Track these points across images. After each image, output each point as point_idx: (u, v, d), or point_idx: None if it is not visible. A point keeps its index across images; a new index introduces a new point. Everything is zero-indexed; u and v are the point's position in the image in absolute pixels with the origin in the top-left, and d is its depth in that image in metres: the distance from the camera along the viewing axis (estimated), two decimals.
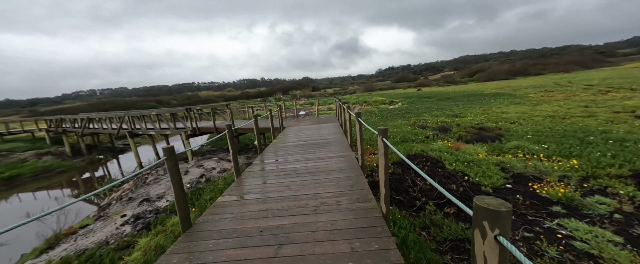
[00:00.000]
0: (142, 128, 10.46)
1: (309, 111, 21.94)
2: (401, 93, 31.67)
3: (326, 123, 8.94)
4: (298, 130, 7.94)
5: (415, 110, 14.90)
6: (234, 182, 4.26)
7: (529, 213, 3.24)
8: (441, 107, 15.07)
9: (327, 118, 11.13)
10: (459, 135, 7.61)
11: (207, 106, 10.67)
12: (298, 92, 56.21)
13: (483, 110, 12.11)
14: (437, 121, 10.22)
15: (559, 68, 46.06)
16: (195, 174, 7.18)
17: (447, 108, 14.04)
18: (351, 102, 26.44)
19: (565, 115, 8.93)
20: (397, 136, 7.99)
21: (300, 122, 9.61)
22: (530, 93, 17.03)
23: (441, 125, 9.13)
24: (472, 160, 5.00)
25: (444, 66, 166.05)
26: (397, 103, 21.54)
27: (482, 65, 79.64)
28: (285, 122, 9.61)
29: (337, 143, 6.15)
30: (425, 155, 5.71)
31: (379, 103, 23.20)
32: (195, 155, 9.52)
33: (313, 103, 30.37)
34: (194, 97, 76.13)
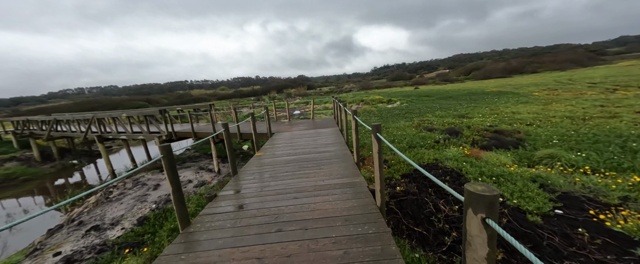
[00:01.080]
0: (113, 132, 9.22)
1: (304, 110, 20.89)
2: (399, 92, 30.88)
3: (323, 129, 7.55)
4: (289, 137, 6.57)
5: (417, 109, 14.01)
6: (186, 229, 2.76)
7: (607, 262, 2.30)
8: (444, 106, 14.22)
9: (324, 121, 9.52)
10: (472, 139, 6.70)
11: (189, 106, 9.44)
12: (293, 91, 54.95)
13: (490, 109, 11.29)
14: (443, 122, 9.32)
15: (555, 67, 46.10)
16: (167, 189, 6.07)
17: (451, 108, 13.19)
18: (348, 100, 25.46)
19: (584, 116, 8.14)
20: (402, 140, 7.03)
21: (293, 125, 8.14)
22: (534, 92, 16.36)
23: (450, 127, 8.22)
24: (502, 174, 4.07)
25: (438, 64, 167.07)
26: (396, 102, 20.69)
27: (477, 64, 79.88)
28: (276, 126, 8.31)
29: (339, 160, 4.79)
30: (441, 165, 4.75)
31: (377, 102, 22.31)
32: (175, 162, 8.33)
33: (308, 102, 29.31)
34: (185, 96, 73.94)
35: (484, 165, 4.52)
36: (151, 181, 6.50)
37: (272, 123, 8.74)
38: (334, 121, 8.74)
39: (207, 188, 5.44)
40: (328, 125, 8.19)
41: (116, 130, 8.95)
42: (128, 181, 6.90)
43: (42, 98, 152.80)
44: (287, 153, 5.32)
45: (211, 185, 5.76)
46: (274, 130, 7.39)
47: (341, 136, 6.63)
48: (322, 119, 10.21)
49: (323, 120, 10.01)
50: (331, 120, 9.25)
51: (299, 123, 9.01)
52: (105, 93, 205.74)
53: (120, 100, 57.37)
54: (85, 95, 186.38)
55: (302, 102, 29.55)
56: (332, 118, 9.30)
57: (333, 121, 8.84)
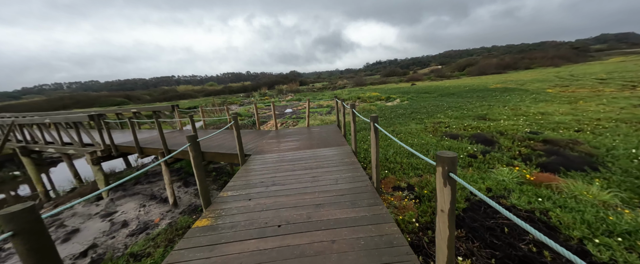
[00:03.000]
0: (40, 143, 6.97)
1: (297, 108, 18.94)
2: (395, 88, 29.41)
3: (326, 149, 4.69)
4: (273, 167, 3.86)
5: (423, 109, 12.43)
6: None
7: None
8: (452, 105, 12.70)
9: (324, 132, 6.23)
10: (518, 152, 5.09)
11: (146, 108, 7.26)
12: (284, 87, 52.52)
13: (511, 109, 9.81)
14: (463, 126, 7.72)
15: (546, 63, 46.06)
16: (87, 236, 4.06)
17: (461, 107, 11.68)
18: (343, 97, 23.74)
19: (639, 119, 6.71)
20: (424, 153, 5.33)
21: (280, 138, 5.35)
22: (546, 89, 15.14)
23: (476, 134, 6.61)
24: (629, 230, 2.41)
25: (430, 61, 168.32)
26: (395, 100, 19.11)
27: (469, 60, 79.92)
28: (256, 139, 5.58)
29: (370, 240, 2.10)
30: (505, 202, 3.08)
31: (375, 99, 20.67)
32: (120, 185, 6.16)
33: (301, 99, 27.33)
34: (170, 92, 69.92)
35: (581, 206, 2.85)
36: (75, 220, 4.40)
37: (251, 134, 6.16)
38: (338, 131, 6.11)
39: (146, 241, 3.47)
40: (331, 138, 5.37)
41: (44, 140, 6.73)
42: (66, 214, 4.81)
43: (15, 94, 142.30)
44: (263, 221, 2.45)
45: (156, 232, 3.76)
46: (252, 145, 4.86)
47: (355, 161, 4.03)
48: (321, 128, 6.91)
49: (323, 128, 6.84)
50: (334, 130, 6.31)
51: (289, 134, 5.95)
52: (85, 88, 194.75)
53: (97, 96, 53.14)
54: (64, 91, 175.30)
55: (294, 99, 27.54)
56: (334, 126, 6.53)
57: (337, 131, 6.14)
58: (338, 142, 5.12)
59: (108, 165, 8.27)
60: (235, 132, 3.86)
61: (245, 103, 33.14)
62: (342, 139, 5.29)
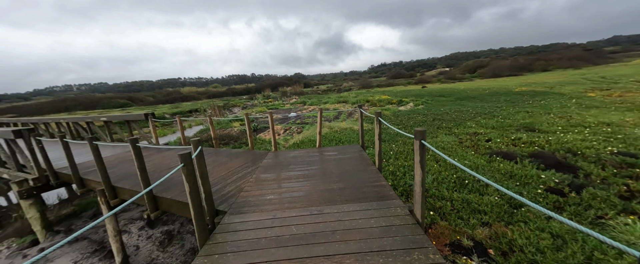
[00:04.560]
0: None
1: (301, 112, 17.51)
2: (405, 91, 27.74)
3: (356, 204, 2.61)
4: (262, 252, 1.97)
5: (445, 114, 10.83)
6: None
7: None
8: (480, 111, 11.05)
9: (343, 158, 4.15)
10: (626, 188, 3.48)
11: (117, 117, 5.81)
12: (288, 89, 51.32)
13: (560, 117, 8.14)
14: (510, 140, 6.12)
15: (565, 64, 43.65)
16: None
17: (494, 113, 10.03)
18: (350, 100, 22.22)
19: None
20: (475, 181, 3.78)
21: (279, 172, 3.64)
22: (588, 93, 13.32)
23: (536, 152, 5.01)
24: None
25: (436, 63, 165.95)
26: (409, 104, 17.51)
27: (478, 61, 77.55)
28: (242, 170, 3.82)
29: None
30: None
31: (385, 103, 19.09)
32: (66, 222, 4.72)
33: (305, 101, 25.90)
34: (174, 93, 69.54)
35: None
36: None
37: (238, 158, 4.39)
38: (364, 158, 4.04)
39: None
40: (360, 176, 3.28)
41: None
42: None
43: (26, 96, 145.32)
44: None
45: None
46: (233, 187, 3.12)
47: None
48: (338, 150, 4.70)
49: (341, 151, 4.57)
50: (359, 156, 4.15)
51: (293, 162, 4.08)
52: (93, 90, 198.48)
53: (99, 99, 52.85)
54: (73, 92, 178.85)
55: (298, 102, 26.13)
56: (357, 149, 4.57)
57: (363, 158, 4.05)
58: (374, 187, 2.86)
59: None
60: (198, 170, 2.21)
61: (248, 106, 31.91)
62: (377, 177, 3.17)
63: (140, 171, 2.79)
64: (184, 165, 1.98)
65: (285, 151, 5.07)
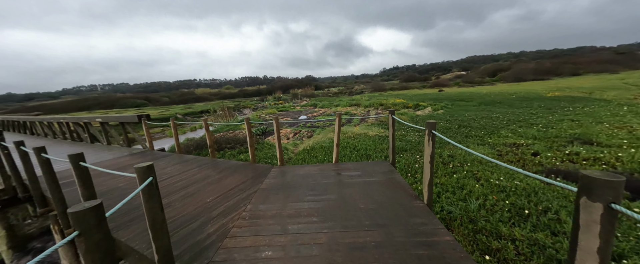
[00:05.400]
0: None
1: (312, 115, 16.82)
2: (421, 95, 26.42)
3: None
4: None
5: (471, 120, 9.73)
6: None
7: None
8: (511, 117, 9.85)
9: (369, 181, 3.16)
10: None
11: (113, 118, 5.31)
12: (299, 91, 51.00)
13: (618, 128, 6.88)
14: (565, 155, 5.05)
15: (597, 68, 40.35)
16: None
17: (530, 121, 8.84)
18: (363, 104, 21.30)
19: None
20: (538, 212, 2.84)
21: (286, 201, 2.72)
22: (636, 99, 11.68)
23: None
24: None
25: (450, 66, 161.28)
26: (426, 108, 16.37)
27: (497, 65, 73.99)
28: (238, 194, 2.96)
29: None
30: None
31: (401, 106, 18.03)
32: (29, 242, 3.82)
33: (316, 104, 25.21)
34: (188, 94, 71.35)
35: None
36: None
37: (236, 174, 3.65)
38: (397, 181, 3.12)
39: None
40: (397, 219, 2.24)
41: None
42: None
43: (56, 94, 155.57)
44: None
45: None
46: (217, 228, 2.21)
47: None
48: (361, 169, 3.69)
49: (364, 171, 3.59)
50: (389, 179, 3.21)
51: (303, 185, 3.21)
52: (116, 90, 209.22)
53: (119, 98, 54.98)
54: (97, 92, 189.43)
55: (309, 104, 25.50)
56: (386, 168, 3.64)
57: (395, 181, 3.13)
58: (431, 245, 1.85)
59: None
60: (147, 212, 1.49)
61: (258, 108, 31.70)
62: (430, 221, 2.19)
63: (85, 199, 1.99)
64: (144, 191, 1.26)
65: (293, 167, 4.06)
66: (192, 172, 3.88)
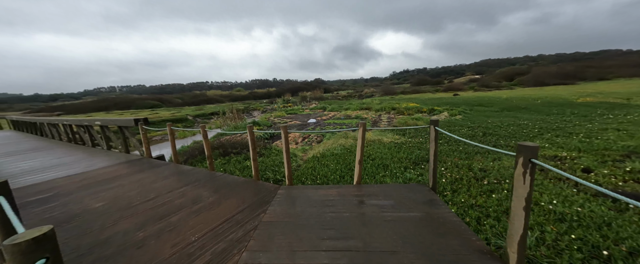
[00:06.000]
0: None
1: (321, 119, 16.29)
2: (435, 99, 25.39)
3: None
4: None
5: (496, 128, 8.87)
6: None
7: None
8: (542, 125, 8.91)
9: (398, 213, 2.49)
10: None
11: (112, 121, 4.94)
12: (308, 94, 50.75)
13: None
14: (628, 174, 4.21)
15: (627, 72, 37.64)
16: None
17: (566, 129, 7.90)
18: (374, 107, 20.58)
19: None
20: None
21: (294, 236, 2.17)
22: None
23: None
24: None
25: (463, 70, 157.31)
26: (442, 113, 15.48)
27: (513, 69, 71.10)
28: (233, 229, 2.31)
29: None
30: None
31: (414, 111, 17.20)
32: None
33: (325, 107, 24.68)
34: (200, 96, 72.75)
35: None
36: None
37: (234, 198, 2.98)
38: (461, 231, 2.15)
39: None
40: None
41: None
42: None
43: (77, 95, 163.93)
44: None
45: None
46: None
47: None
48: (390, 195, 2.90)
49: (398, 199, 2.79)
50: (440, 223, 2.28)
51: (318, 218, 2.49)
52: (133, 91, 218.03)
53: (134, 99, 56.67)
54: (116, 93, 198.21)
55: (318, 108, 25.02)
56: (424, 190, 3.00)
57: (454, 228, 2.20)
58: None
59: None
60: None
61: (267, 110, 31.56)
62: None
63: None
64: None
65: (305, 188, 3.28)
66: (184, 190, 3.33)
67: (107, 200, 3.05)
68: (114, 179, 3.80)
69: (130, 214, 2.67)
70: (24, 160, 4.98)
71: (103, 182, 3.67)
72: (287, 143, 3.34)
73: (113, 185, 3.53)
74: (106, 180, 3.77)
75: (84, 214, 2.73)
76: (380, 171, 5.23)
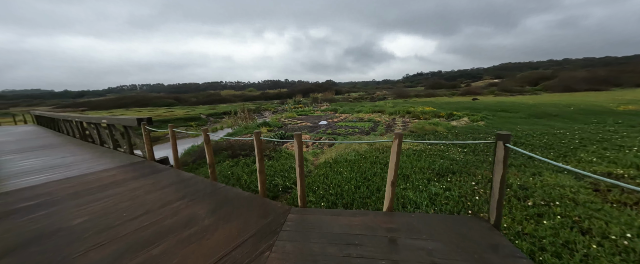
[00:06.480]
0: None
1: (332, 121, 15.79)
2: (452, 103, 24.20)
3: None
4: None
5: (527, 137, 8.01)
6: None
7: None
8: (579, 134, 7.94)
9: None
10: None
11: (117, 119, 4.71)
12: (319, 95, 50.40)
13: None
14: None
15: None
16: None
17: (611, 139, 6.95)
18: (387, 110, 19.81)
19: None
20: None
21: None
22: None
23: None
24: None
25: (481, 73, 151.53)
26: (462, 118, 14.55)
27: (537, 73, 67.23)
28: None
29: None
30: None
31: (431, 115, 16.32)
32: None
33: (337, 109, 24.14)
34: (214, 96, 74.47)
35: None
36: None
37: (241, 205, 2.81)
38: None
39: None
40: None
41: None
42: None
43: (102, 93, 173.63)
44: None
45: None
46: None
47: None
48: (434, 229, 2.32)
49: (447, 241, 2.12)
50: None
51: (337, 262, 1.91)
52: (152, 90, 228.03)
53: (151, 98, 58.83)
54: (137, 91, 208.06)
55: (329, 109, 24.52)
56: (482, 222, 2.41)
57: None
58: None
59: None
60: None
61: (278, 111, 31.47)
62: None
63: None
64: None
65: (321, 213, 2.68)
66: (178, 206, 2.87)
67: (92, 214, 2.73)
68: (108, 186, 3.51)
69: (110, 238, 2.29)
70: (28, 159, 4.89)
71: (96, 189, 3.38)
72: (302, 156, 2.80)
73: (105, 194, 3.22)
74: (100, 187, 3.48)
75: (59, 233, 2.39)
76: (400, 182, 4.67)
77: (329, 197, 4.14)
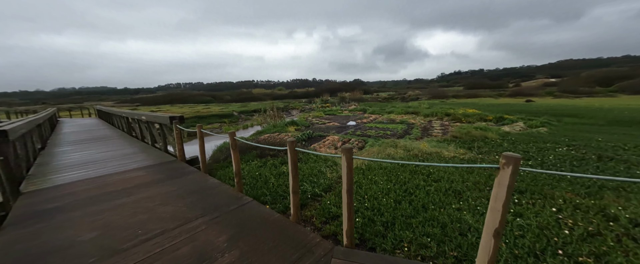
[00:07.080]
0: None
1: (361, 122, 14.97)
2: (499, 105, 21.37)
3: None
4: None
5: (612, 149, 6.38)
6: None
7: None
8: None
9: None
10: None
11: (151, 117, 4.74)
12: (347, 94, 49.29)
13: None
14: None
15: None
16: None
17: None
18: (422, 112, 18.20)
19: None
20: None
21: None
22: None
23: None
24: None
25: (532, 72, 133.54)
26: (516, 123, 12.57)
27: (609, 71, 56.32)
28: None
29: None
30: None
31: (475, 119, 14.45)
32: None
33: (366, 109, 23.05)
34: (246, 94, 78.31)
35: None
36: None
37: (268, 231, 2.32)
38: None
39: None
40: None
41: None
42: None
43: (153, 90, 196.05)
44: None
45: None
46: None
47: None
48: None
49: None
50: None
51: None
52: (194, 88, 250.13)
53: (191, 95, 64.13)
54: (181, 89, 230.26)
55: (358, 109, 23.58)
56: None
57: None
58: None
59: None
60: None
61: (306, 109, 31.44)
62: None
63: None
64: None
65: (375, 258, 2.08)
66: (195, 226, 2.51)
67: (105, 227, 2.53)
68: (131, 190, 3.40)
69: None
70: (76, 152, 5.26)
71: (118, 193, 3.28)
72: (351, 179, 2.05)
73: (124, 201, 3.11)
74: (122, 191, 3.39)
75: (60, 253, 2.14)
76: (452, 200, 3.85)
77: (364, 211, 3.54)
